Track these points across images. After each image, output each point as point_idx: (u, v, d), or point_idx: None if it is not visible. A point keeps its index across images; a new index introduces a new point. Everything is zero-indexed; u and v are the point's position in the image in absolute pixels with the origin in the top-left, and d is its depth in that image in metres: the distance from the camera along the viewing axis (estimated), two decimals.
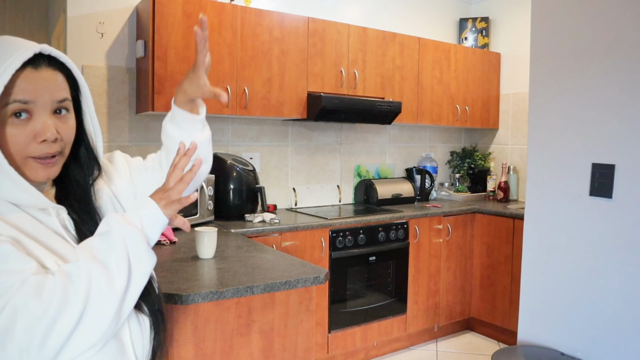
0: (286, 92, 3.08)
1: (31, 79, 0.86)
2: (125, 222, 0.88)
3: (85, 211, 0.98)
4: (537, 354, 1.96)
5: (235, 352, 1.62)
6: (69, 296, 0.78)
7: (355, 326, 3.13)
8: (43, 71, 0.88)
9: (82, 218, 0.97)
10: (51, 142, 0.88)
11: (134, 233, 0.87)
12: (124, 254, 0.85)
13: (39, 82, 0.87)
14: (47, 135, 0.87)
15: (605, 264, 1.82)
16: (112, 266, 0.83)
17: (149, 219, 0.90)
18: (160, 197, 0.93)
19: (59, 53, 0.92)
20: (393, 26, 3.90)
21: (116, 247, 0.85)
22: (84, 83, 0.97)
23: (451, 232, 3.57)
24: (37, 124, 0.87)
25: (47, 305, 0.76)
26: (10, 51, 0.85)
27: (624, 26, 1.75)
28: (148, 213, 0.91)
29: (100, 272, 0.82)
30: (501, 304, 3.52)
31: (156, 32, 2.64)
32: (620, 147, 1.78)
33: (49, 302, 0.76)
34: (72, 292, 0.79)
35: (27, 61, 0.86)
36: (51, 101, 0.89)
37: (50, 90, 0.89)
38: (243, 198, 2.95)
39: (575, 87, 1.91)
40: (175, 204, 0.93)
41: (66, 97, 0.92)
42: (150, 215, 0.91)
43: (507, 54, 4.21)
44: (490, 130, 4.34)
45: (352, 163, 3.85)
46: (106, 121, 2.88)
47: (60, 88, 0.91)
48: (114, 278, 0.83)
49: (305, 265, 1.87)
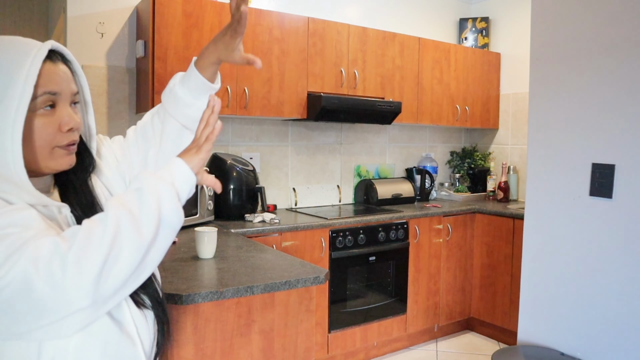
0: (286, 92, 3.08)
1: (53, 72, 0.90)
2: (157, 177, 0.89)
3: (87, 206, 0.99)
4: (537, 354, 1.96)
5: (235, 352, 1.62)
6: (94, 236, 0.79)
7: (355, 326, 3.13)
8: (59, 65, 0.92)
9: (84, 212, 0.97)
10: (75, 130, 0.93)
11: (166, 187, 0.89)
12: (155, 206, 0.85)
13: (60, 74, 0.91)
14: (72, 124, 0.91)
15: (605, 264, 1.82)
16: (142, 215, 0.84)
17: (180, 176, 0.92)
18: (189, 148, 0.98)
19: (66, 50, 0.96)
20: (393, 26, 3.91)
21: (148, 199, 0.85)
22: (84, 79, 1.01)
23: (451, 232, 3.57)
24: (64, 114, 0.91)
25: (71, 244, 0.77)
26: (27, 48, 0.88)
27: (624, 26, 1.75)
28: (178, 170, 0.93)
29: (129, 219, 0.82)
30: (501, 304, 3.52)
31: (156, 32, 2.64)
32: (620, 147, 1.78)
33: (73, 241, 0.78)
34: (99, 232, 0.79)
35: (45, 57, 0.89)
36: (70, 93, 0.93)
37: (68, 83, 0.93)
38: (243, 198, 2.95)
39: (575, 87, 1.91)
40: (205, 144, 0.99)
41: (78, 91, 0.96)
42: (180, 171, 0.93)
43: (507, 54, 4.21)
44: (490, 130, 4.34)
45: (352, 163, 3.85)
46: (106, 121, 2.88)
47: (73, 82, 0.95)
48: (143, 226, 0.83)
49: (305, 265, 1.87)
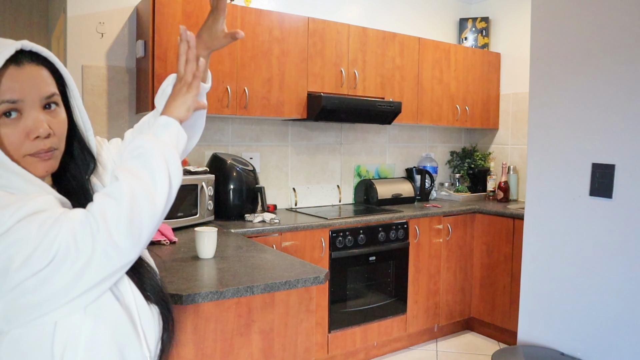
0: (286, 92, 3.08)
1: (16, 77, 0.85)
2: (159, 141, 0.91)
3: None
4: (537, 354, 1.96)
5: (235, 352, 1.62)
6: (110, 215, 0.81)
7: (355, 326, 3.13)
8: (27, 68, 0.87)
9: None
10: (44, 138, 0.88)
11: (171, 150, 0.91)
12: (165, 171, 0.88)
13: (24, 79, 0.86)
14: (39, 131, 0.87)
15: (605, 264, 1.82)
16: (154, 181, 0.86)
17: (176, 136, 0.95)
18: (179, 88, 0.99)
19: (41, 48, 0.91)
20: (393, 26, 3.91)
21: (158, 164, 0.88)
22: (69, 77, 0.97)
23: (451, 232, 3.57)
24: (29, 121, 0.87)
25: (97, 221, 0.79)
26: None
27: (624, 26, 1.75)
28: (174, 130, 0.95)
29: (142, 189, 0.84)
30: (501, 304, 3.52)
31: (156, 32, 2.64)
32: (620, 147, 1.78)
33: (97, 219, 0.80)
34: (113, 208, 0.81)
35: (9, 59, 0.85)
36: (39, 97, 0.88)
37: (37, 86, 0.88)
38: (243, 198, 2.95)
39: (575, 87, 1.91)
40: (194, 81, 0.99)
41: (54, 92, 0.91)
42: (176, 131, 0.95)
43: (507, 54, 4.21)
44: (490, 130, 4.34)
45: (352, 163, 3.85)
46: (106, 121, 2.88)
47: (46, 83, 0.90)
48: (156, 193, 0.86)
49: (305, 265, 1.87)
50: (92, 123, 1.05)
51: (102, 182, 1.06)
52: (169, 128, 0.95)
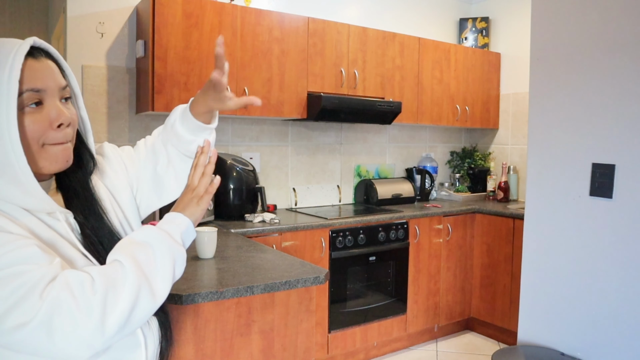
0: (286, 92, 3.08)
1: (36, 68, 0.88)
2: (170, 238, 0.92)
3: (90, 210, 0.97)
4: (537, 354, 1.96)
5: (235, 352, 1.62)
6: (113, 298, 0.81)
7: (355, 326, 3.13)
8: (43, 61, 0.90)
9: (87, 218, 0.96)
10: (66, 127, 0.90)
11: (181, 252, 0.93)
12: (171, 272, 0.90)
13: (44, 70, 0.89)
14: (62, 119, 0.89)
15: (605, 264, 1.82)
16: (158, 280, 0.87)
17: (185, 234, 0.96)
18: (190, 198, 1.00)
19: (48, 45, 0.94)
20: (393, 26, 3.90)
21: (165, 264, 0.89)
22: (72, 76, 0.98)
23: (451, 232, 3.57)
24: (52, 111, 0.88)
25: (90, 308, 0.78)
26: (8, 47, 0.85)
27: (624, 26, 1.75)
28: (183, 228, 0.96)
29: (147, 289, 0.85)
30: (501, 304, 3.52)
31: (156, 32, 2.64)
32: (620, 147, 1.77)
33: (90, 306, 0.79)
34: (115, 297, 0.81)
35: (26, 54, 0.87)
36: (57, 88, 0.90)
37: (54, 77, 0.90)
38: (243, 198, 2.95)
39: (575, 87, 1.91)
40: (205, 196, 1.01)
41: (67, 85, 0.94)
42: (185, 229, 0.96)
43: (507, 54, 4.21)
44: (490, 130, 4.34)
45: (352, 163, 3.85)
46: (106, 121, 2.88)
47: (60, 76, 0.93)
48: (159, 292, 0.87)
49: (305, 265, 1.86)
50: (92, 123, 1.05)
51: (103, 182, 1.06)
52: (181, 228, 0.96)
